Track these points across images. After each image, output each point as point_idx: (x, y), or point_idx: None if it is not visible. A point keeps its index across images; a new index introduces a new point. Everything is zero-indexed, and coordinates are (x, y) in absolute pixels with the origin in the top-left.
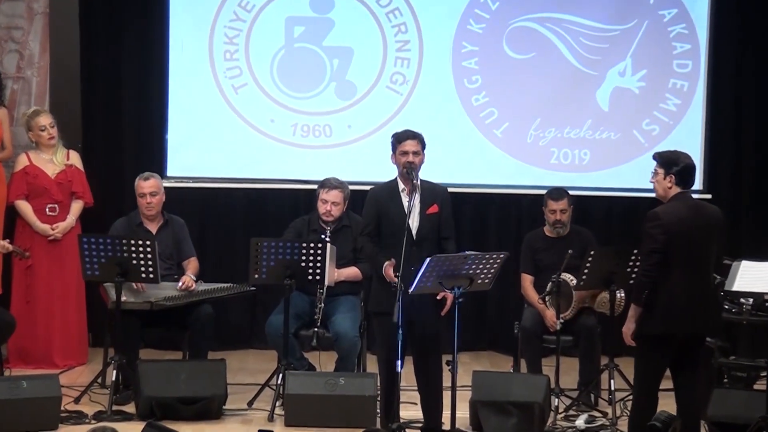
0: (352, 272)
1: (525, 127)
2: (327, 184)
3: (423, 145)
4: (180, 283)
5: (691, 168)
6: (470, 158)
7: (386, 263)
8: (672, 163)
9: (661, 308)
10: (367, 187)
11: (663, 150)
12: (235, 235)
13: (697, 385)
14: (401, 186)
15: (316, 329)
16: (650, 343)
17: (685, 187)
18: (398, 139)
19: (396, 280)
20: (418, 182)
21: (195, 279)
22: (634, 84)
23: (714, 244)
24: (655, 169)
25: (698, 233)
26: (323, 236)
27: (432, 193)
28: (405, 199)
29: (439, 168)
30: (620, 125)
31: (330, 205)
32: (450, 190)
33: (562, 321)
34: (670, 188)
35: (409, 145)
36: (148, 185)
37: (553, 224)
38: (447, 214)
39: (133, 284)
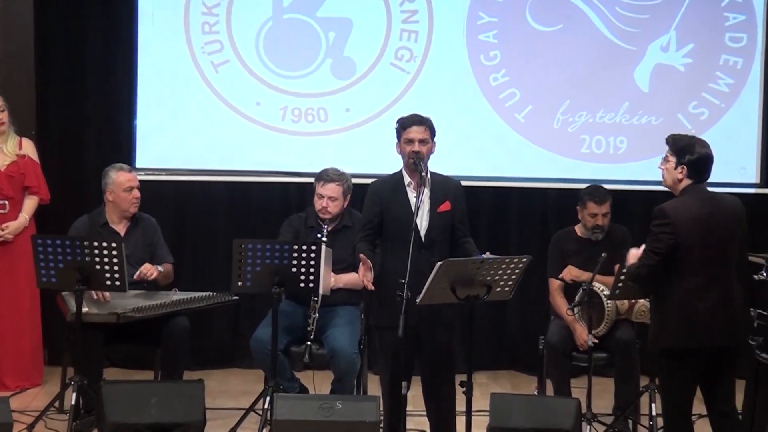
0: (351, 279)
1: (551, 110)
2: (324, 176)
3: (432, 132)
4: (137, 272)
5: (707, 159)
6: (487, 147)
7: (361, 256)
8: (685, 152)
9: (676, 320)
10: (369, 181)
11: (678, 134)
12: (216, 236)
13: (756, 406)
14: (407, 179)
15: (309, 343)
16: (670, 357)
17: (698, 180)
18: (403, 125)
19: (370, 285)
20: (427, 175)
21: (160, 268)
22: (678, 60)
23: (736, 241)
24: (666, 155)
25: (716, 232)
26: (318, 235)
27: (443, 187)
28: (411, 195)
29: (452, 158)
30: (662, 108)
31: (327, 200)
32: (463, 183)
33: (594, 338)
34: (681, 180)
35: (415, 132)
36: (134, 177)
37: (592, 228)
38: (462, 211)
39: (94, 294)
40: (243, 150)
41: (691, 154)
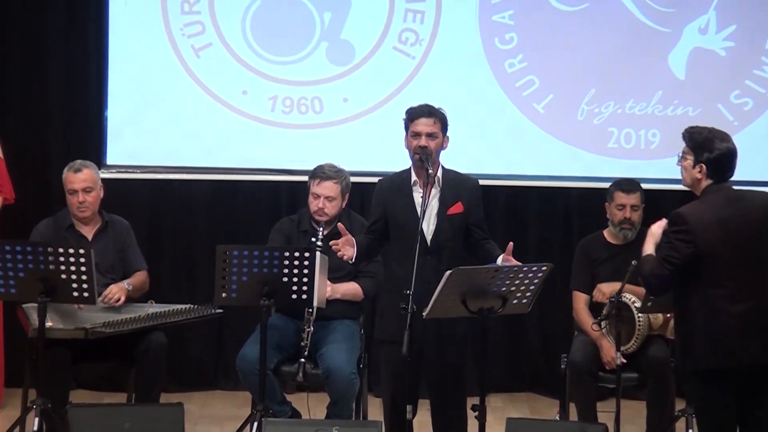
0: (350, 289)
1: (575, 100)
2: (319, 173)
3: (444, 126)
4: (101, 296)
5: (729, 156)
6: (503, 141)
7: (339, 225)
8: (703, 148)
9: (701, 338)
10: (371, 180)
11: (695, 126)
12: (197, 242)
13: None
14: (413, 178)
15: (302, 360)
16: (700, 379)
17: (719, 179)
18: (411, 116)
19: (346, 256)
20: (436, 173)
21: (128, 286)
22: (719, 44)
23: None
24: (683, 152)
25: (742, 235)
26: (313, 239)
27: (455, 186)
28: (417, 195)
29: (462, 154)
30: (701, 98)
31: (323, 200)
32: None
33: (623, 356)
34: (700, 180)
35: (423, 125)
36: (80, 179)
37: (620, 224)
38: (479, 214)
39: (64, 306)
40: (227, 145)
41: (710, 152)
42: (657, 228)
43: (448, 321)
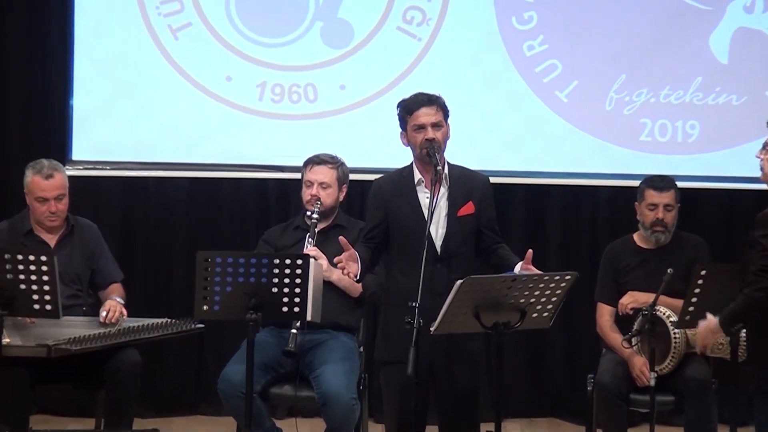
0: (348, 280)
1: (602, 87)
2: (313, 158)
3: (445, 113)
4: (103, 312)
5: None
6: (521, 133)
7: (341, 239)
8: None
9: None
10: (369, 177)
11: None
12: (175, 247)
13: None
14: (417, 176)
15: (294, 331)
16: None
17: None
18: (408, 108)
19: (352, 275)
20: (444, 169)
21: (122, 302)
22: (767, 23)
23: None
24: (766, 144)
25: None
26: (306, 236)
27: (465, 184)
28: (423, 195)
29: (475, 148)
30: (746, 84)
31: (316, 187)
32: (493, 179)
33: (656, 375)
34: None
35: (426, 115)
36: (53, 186)
37: (651, 226)
38: (491, 215)
39: (22, 320)
40: (210, 137)
41: None
42: (707, 327)
43: (460, 337)
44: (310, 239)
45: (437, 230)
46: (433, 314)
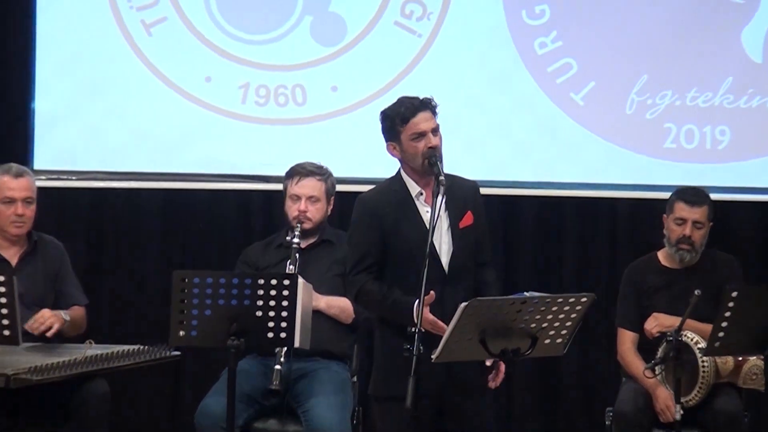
0: (337, 302)
1: (622, 89)
2: (299, 169)
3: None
4: (31, 321)
5: None
6: (532, 140)
7: (416, 302)
8: None
9: None
10: (365, 188)
11: None
12: (148, 266)
13: None
14: (414, 188)
15: (278, 367)
16: None
17: None
18: (403, 116)
19: (440, 323)
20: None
21: (66, 317)
22: None
23: None
24: None
25: None
26: (293, 254)
27: (459, 192)
28: (424, 209)
29: (481, 156)
30: None
31: (304, 202)
32: (499, 190)
33: (683, 409)
34: None
35: (425, 121)
36: (22, 186)
37: (677, 242)
38: (484, 226)
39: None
40: (186, 144)
41: None
42: None
43: (465, 365)
44: (290, 266)
45: (441, 246)
46: (435, 339)
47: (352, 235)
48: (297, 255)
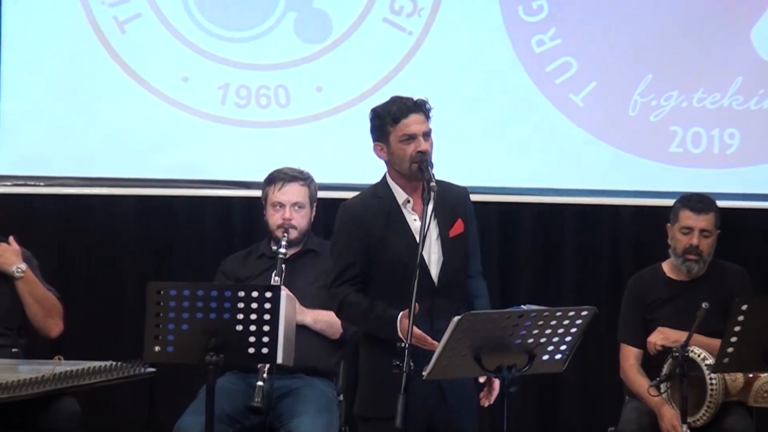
0: (324, 316)
1: (625, 90)
2: (279, 175)
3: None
4: None
5: None
6: (529, 144)
7: (399, 315)
8: None
9: None
10: (352, 195)
11: None
12: (121, 277)
13: None
14: (401, 195)
15: (261, 383)
16: None
17: None
18: (394, 116)
19: (429, 339)
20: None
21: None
22: None
23: None
24: None
25: None
26: (273, 275)
27: (448, 199)
28: (412, 218)
29: (475, 161)
30: None
31: (288, 209)
32: (495, 197)
33: (690, 429)
34: None
35: (416, 123)
36: None
37: (684, 253)
38: (475, 234)
39: None
40: (162, 148)
41: None
42: None
43: (458, 383)
44: (276, 278)
45: (430, 256)
46: (427, 355)
47: (335, 245)
48: (283, 266)
